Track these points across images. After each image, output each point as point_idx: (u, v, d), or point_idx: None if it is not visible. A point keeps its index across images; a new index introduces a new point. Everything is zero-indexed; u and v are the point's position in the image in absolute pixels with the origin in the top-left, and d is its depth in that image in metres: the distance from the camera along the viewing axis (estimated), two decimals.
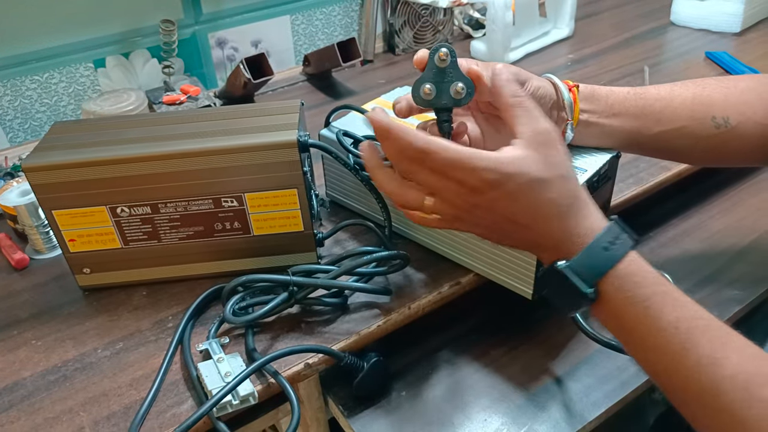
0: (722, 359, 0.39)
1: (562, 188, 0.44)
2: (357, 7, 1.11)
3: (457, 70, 0.48)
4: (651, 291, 0.42)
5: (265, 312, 0.53)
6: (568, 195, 0.44)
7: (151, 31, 0.92)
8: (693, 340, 0.40)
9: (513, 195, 0.43)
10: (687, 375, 0.40)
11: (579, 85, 0.56)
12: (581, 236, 0.44)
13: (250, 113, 0.59)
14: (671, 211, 0.77)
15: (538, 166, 0.43)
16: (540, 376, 0.58)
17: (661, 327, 0.41)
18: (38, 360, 0.54)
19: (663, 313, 0.41)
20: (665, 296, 0.42)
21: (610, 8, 1.26)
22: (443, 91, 0.48)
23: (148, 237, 0.58)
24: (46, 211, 0.56)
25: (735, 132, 0.55)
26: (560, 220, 0.44)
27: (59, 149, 0.55)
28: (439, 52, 0.46)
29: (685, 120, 0.55)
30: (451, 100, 0.48)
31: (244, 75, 0.87)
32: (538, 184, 0.43)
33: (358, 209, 0.68)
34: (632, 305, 0.43)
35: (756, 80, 0.57)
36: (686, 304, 0.42)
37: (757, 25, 1.12)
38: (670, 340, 0.41)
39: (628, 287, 0.43)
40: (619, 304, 0.44)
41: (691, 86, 0.57)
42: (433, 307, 0.59)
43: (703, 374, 0.39)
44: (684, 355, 0.40)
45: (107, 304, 0.60)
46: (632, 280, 0.43)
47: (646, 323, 0.42)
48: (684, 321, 0.41)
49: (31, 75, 0.86)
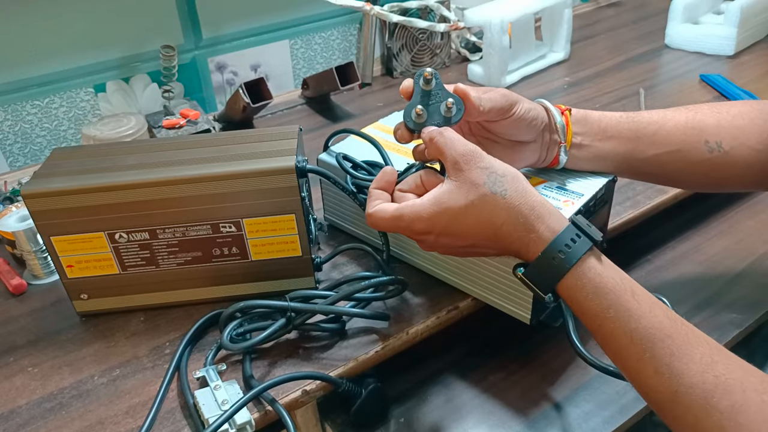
0: (680, 370, 0.39)
1: (491, 206, 0.45)
2: (355, 32, 1.12)
3: (443, 90, 0.49)
4: (606, 303, 0.43)
5: (262, 338, 0.53)
6: (501, 209, 0.45)
7: (152, 56, 0.93)
8: (650, 351, 0.41)
9: (447, 232, 0.46)
10: (647, 383, 0.41)
11: (571, 109, 0.57)
12: (534, 243, 0.45)
13: (248, 139, 0.59)
14: (668, 234, 0.77)
15: (455, 197, 0.45)
16: (539, 402, 0.57)
17: (617, 337, 0.42)
18: (34, 387, 0.54)
19: (618, 324, 0.42)
20: (619, 308, 0.42)
21: (606, 31, 1.28)
22: (434, 111, 0.49)
23: (146, 262, 0.58)
24: (45, 237, 0.56)
25: (728, 157, 0.55)
26: (505, 235, 0.45)
27: (59, 176, 0.55)
28: (423, 74, 0.48)
29: (678, 144, 0.55)
30: (442, 119, 0.49)
31: (243, 99, 0.88)
32: (462, 214, 0.45)
33: (356, 233, 0.68)
34: (587, 315, 0.44)
35: (748, 106, 0.58)
36: (642, 316, 0.42)
37: (750, 48, 1.13)
38: (628, 351, 0.42)
39: (581, 297, 0.44)
40: (576, 311, 0.45)
41: (684, 111, 0.57)
42: (432, 332, 0.59)
43: (661, 384, 0.40)
44: (642, 365, 0.41)
45: (104, 330, 0.59)
46: (584, 291, 0.43)
47: (602, 332, 0.43)
48: (640, 332, 0.41)
49: (31, 100, 0.87)
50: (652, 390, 0.41)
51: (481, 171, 0.45)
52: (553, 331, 0.60)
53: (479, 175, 0.45)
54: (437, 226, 0.46)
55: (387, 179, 0.50)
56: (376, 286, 0.57)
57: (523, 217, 0.45)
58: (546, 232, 0.45)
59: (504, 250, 0.47)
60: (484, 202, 0.45)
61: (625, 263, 0.47)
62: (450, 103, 0.48)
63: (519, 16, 1.02)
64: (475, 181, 0.45)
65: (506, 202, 0.45)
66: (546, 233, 0.45)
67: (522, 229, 0.45)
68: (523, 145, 0.55)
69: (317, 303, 0.55)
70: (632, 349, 0.41)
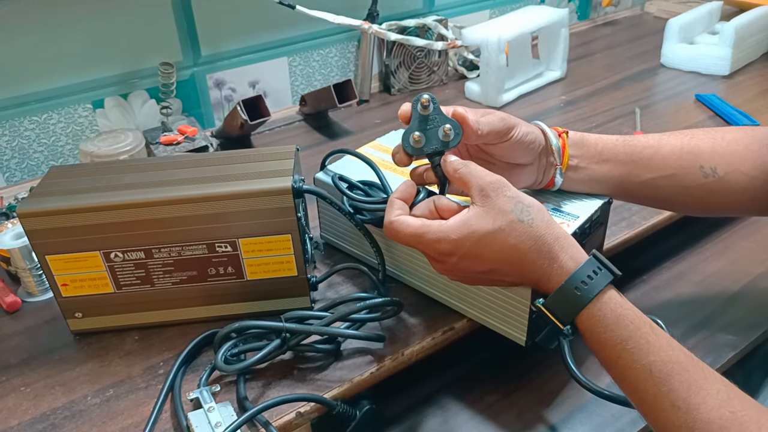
0: (698, 404, 0.39)
1: (517, 233, 0.46)
2: (353, 49, 1.13)
3: (441, 115, 0.49)
4: (626, 334, 0.43)
5: (257, 359, 0.53)
6: (528, 237, 0.46)
7: (150, 73, 0.93)
8: (668, 384, 0.41)
9: (470, 255, 0.47)
10: (664, 417, 0.41)
11: (568, 132, 0.57)
12: (557, 273, 0.46)
13: (245, 159, 0.60)
14: (664, 255, 0.77)
15: (484, 221, 0.46)
16: (534, 424, 0.57)
17: (636, 369, 0.42)
18: (26, 408, 0.53)
19: (637, 357, 0.42)
20: (639, 340, 0.42)
21: (602, 50, 1.29)
22: (431, 136, 0.49)
23: (141, 282, 0.58)
24: (40, 256, 0.56)
25: (722, 182, 0.56)
26: (528, 262, 0.46)
27: (55, 194, 0.55)
28: (420, 99, 0.48)
29: (673, 168, 0.56)
30: (440, 143, 0.49)
31: (241, 116, 0.88)
32: (489, 238, 0.46)
33: (352, 252, 0.68)
34: (606, 347, 0.44)
35: (742, 132, 0.58)
36: (661, 348, 0.42)
37: (745, 68, 1.14)
38: (646, 384, 0.42)
39: (600, 329, 0.44)
40: (594, 343, 0.45)
41: (679, 136, 0.58)
42: (427, 353, 0.58)
43: (678, 418, 0.40)
44: (659, 399, 0.41)
45: (98, 349, 0.59)
46: (604, 322, 0.44)
47: (620, 364, 0.43)
48: (658, 365, 0.41)
49: (29, 116, 0.87)
50: (668, 424, 0.40)
51: (508, 199, 0.46)
52: (548, 352, 0.60)
53: (507, 202, 0.46)
54: (462, 249, 0.46)
55: (409, 191, 0.51)
56: (371, 308, 0.57)
57: (547, 246, 0.46)
58: (569, 263, 0.45)
59: (524, 278, 0.48)
60: (512, 228, 0.46)
61: (621, 284, 0.47)
62: (447, 129, 0.49)
63: (516, 35, 1.03)
64: (503, 207, 0.46)
65: (533, 231, 0.46)
66: (569, 263, 0.45)
67: (546, 257, 0.46)
68: (520, 167, 0.55)
69: (312, 324, 0.55)
70: (650, 382, 0.41)
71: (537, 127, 0.56)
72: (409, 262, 0.62)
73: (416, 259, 0.61)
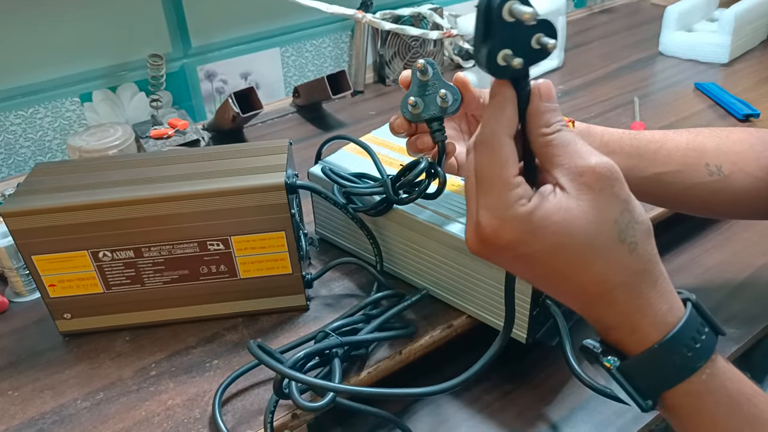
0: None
1: (609, 258, 0.33)
2: (347, 39, 1.11)
3: (440, 80, 0.49)
4: (743, 414, 0.33)
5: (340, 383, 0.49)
6: (622, 268, 0.33)
7: (139, 65, 0.91)
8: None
9: (539, 258, 0.33)
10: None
11: (574, 121, 0.56)
12: (649, 327, 0.34)
13: (237, 154, 0.58)
14: (665, 247, 0.76)
15: (572, 223, 0.32)
16: (535, 423, 0.56)
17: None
18: (14, 412, 0.52)
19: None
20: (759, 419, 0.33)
21: (599, 38, 1.27)
22: (429, 102, 0.48)
23: (131, 281, 0.56)
24: (26, 257, 0.54)
25: (727, 181, 0.54)
26: (608, 303, 0.34)
27: (40, 192, 0.54)
28: (416, 64, 0.47)
29: (678, 164, 0.54)
30: (438, 109, 0.48)
31: (233, 109, 0.86)
32: (570, 251, 0.33)
33: (347, 247, 0.67)
34: (711, 430, 0.34)
35: (747, 133, 0.58)
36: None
37: (744, 56, 1.13)
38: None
39: (708, 407, 0.33)
40: (690, 425, 0.34)
41: (685, 133, 0.57)
42: (425, 351, 0.57)
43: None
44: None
45: (88, 351, 0.58)
46: (711, 398, 0.33)
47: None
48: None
49: (15, 110, 0.85)
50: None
51: (616, 201, 0.33)
52: (549, 350, 0.59)
53: (613, 206, 0.33)
54: (533, 246, 0.33)
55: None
56: (401, 311, 0.56)
57: (642, 288, 0.33)
58: (669, 316, 0.34)
59: (592, 314, 0.35)
60: (607, 248, 0.33)
61: None
62: (442, 94, 0.48)
63: None
64: (606, 213, 0.32)
65: (631, 261, 0.33)
66: (669, 317, 0.34)
67: (636, 302, 0.33)
68: None
69: (363, 333, 0.54)
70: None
71: None
72: (405, 256, 0.61)
73: (413, 253, 0.60)
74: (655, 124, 0.91)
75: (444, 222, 0.56)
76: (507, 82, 0.35)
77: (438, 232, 0.56)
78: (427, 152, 0.51)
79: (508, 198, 0.33)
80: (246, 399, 0.52)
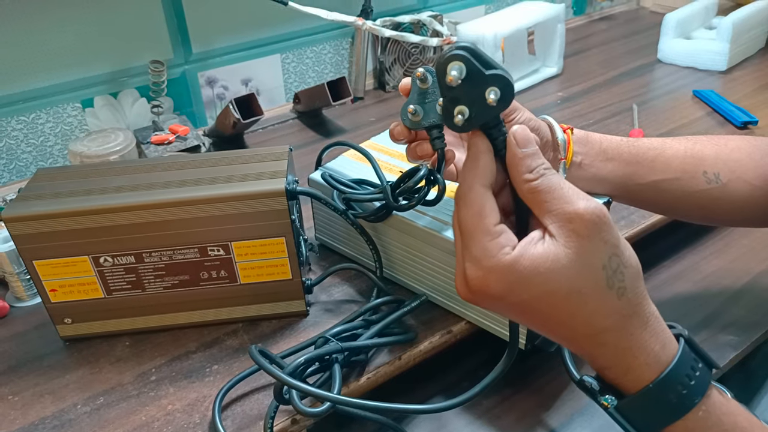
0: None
1: (597, 303, 0.33)
2: (347, 46, 1.11)
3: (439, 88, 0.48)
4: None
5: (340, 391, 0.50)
6: (611, 311, 0.33)
7: (140, 71, 0.92)
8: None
9: (527, 305, 0.34)
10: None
11: (573, 128, 0.56)
12: (643, 367, 0.34)
13: (237, 160, 0.58)
14: (663, 253, 0.76)
15: (560, 273, 0.33)
16: (534, 428, 0.56)
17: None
18: (14, 417, 0.52)
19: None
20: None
21: (598, 45, 1.28)
22: (429, 110, 0.48)
23: (131, 286, 0.57)
24: (27, 262, 0.54)
25: (725, 189, 0.55)
26: (600, 345, 0.34)
27: (42, 198, 0.54)
28: (416, 72, 0.47)
29: (677, 172, 0.55)
30: (438, 117, 0.48)
31: (234, 115, 0.87)
32: (557, 297, 0.33)
33: (347, 253, 0.67)
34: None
35: (745, 141, 0.58)
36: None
37: (742, 64, 1.13)
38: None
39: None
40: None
41: (683, 140, 0.57)
42: (425, 357, 0.57)
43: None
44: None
45: (89, 356, 0.58)
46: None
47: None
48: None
49: (17, 115, 0.86)
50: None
51: (604, 246, 0.33)
52: (547, 355, 0.59)
53: (601, 252, 0.33)
54: (521, 295, 0.33)
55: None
56: (400, 317, 0.56)
57: (633, 330, 0.34)
58: (662, 354, 0.34)
59: (586, 355, 0.36)
60: (595, 294, 0.33)
61: None
62: (441, 102, 0.48)
63: (512, 31, 1.02)
64: (593, 260, 0.33)
65: (620, 306, 0.33)
66: (662, 356, 0.34)
67: (627, 344, 0.34)
68: None
69: (363, 338, 0.54)
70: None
71: (544, 121, 0.55)
72: (405, 262, 0.61)
73: (412, 259, 0.60)
74: (654, 131, 0.92)
75: (443, 228, 0.56)
76: (479, 133, 0.36)
77: (437, 238, 0.56)
78: (426, 159, 0.51)
79: (491, 247, 0.34)
80: (246, 404, 0.52)
